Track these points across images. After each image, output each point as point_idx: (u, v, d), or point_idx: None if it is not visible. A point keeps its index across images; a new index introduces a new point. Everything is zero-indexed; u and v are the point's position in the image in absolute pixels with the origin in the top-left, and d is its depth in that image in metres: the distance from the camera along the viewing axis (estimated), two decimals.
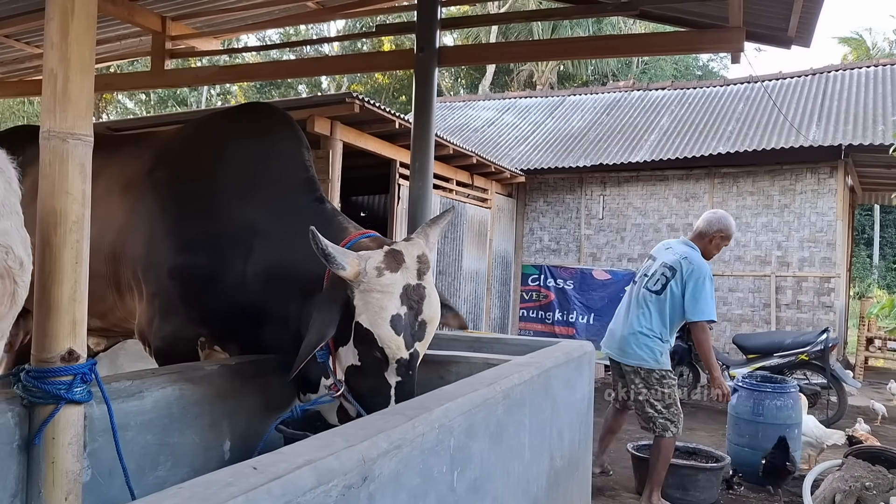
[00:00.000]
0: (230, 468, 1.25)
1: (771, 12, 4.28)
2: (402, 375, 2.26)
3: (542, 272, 11.39)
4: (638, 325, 4.52)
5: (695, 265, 4.46)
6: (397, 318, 2.18)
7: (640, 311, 4.55)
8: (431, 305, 2.29)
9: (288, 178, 2.78)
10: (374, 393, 2.28)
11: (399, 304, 2.20)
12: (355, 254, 2.23)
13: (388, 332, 2.17)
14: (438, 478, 1.77)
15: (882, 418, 6.64)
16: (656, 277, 4.56)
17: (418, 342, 2.27)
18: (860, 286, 22.48)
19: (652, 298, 4.52)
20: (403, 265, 2.24)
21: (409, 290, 2.23)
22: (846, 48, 29.45)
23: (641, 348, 4.50)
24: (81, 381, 1.83)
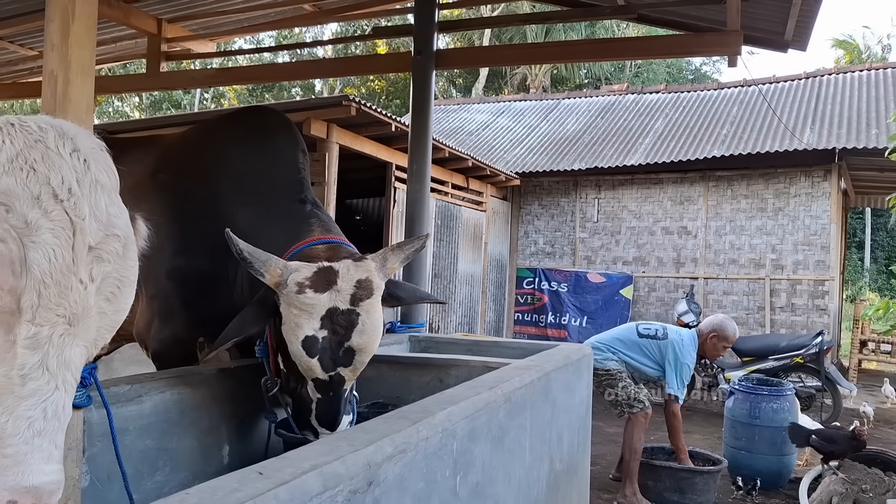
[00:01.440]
0: (236, 473, 1.24)
1: (768, 16, 4.30)
2: (322, 394, 2.13)
3: (536, 275, 11.40)
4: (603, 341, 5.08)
5: (686, 348, 4.92)
6: (312, 340, 2.04)
7: (615, 334, 5.13)
8: (364, 334, 2.09)
9: (280, 180, 2.77)
10: (298, 402, 2.21)
11: (317, 327, 2.04)
12: (281, 262, 2.12)
13: (299, 351, 2.05)
14: (441, 482, 1.77)
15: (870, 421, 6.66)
16: (650, 327, 5.10)
17: (343, 367, 2.10)
18: (852, 289, 22.60)
19: (633, 334, 5.03)
20: (334, 287, 2.07)
21: (336, 315, 2.06)
22: (839, 51, 29.61)
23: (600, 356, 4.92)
24: (81, 386, 1.81)
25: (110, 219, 1.06)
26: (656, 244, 10.78)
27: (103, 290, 1.04)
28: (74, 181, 1.02)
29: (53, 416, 0.99)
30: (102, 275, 1.04)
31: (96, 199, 1.04)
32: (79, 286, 0.99)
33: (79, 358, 1.03)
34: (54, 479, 0.99)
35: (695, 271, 10.48)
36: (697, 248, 10.49)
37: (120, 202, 1.12)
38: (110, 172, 1.11)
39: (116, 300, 1.07)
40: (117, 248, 1.06)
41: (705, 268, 10.43)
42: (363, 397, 2.88)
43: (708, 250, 10.43)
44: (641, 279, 10.83)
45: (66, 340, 1.00)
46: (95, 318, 1.04)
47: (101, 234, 1.04)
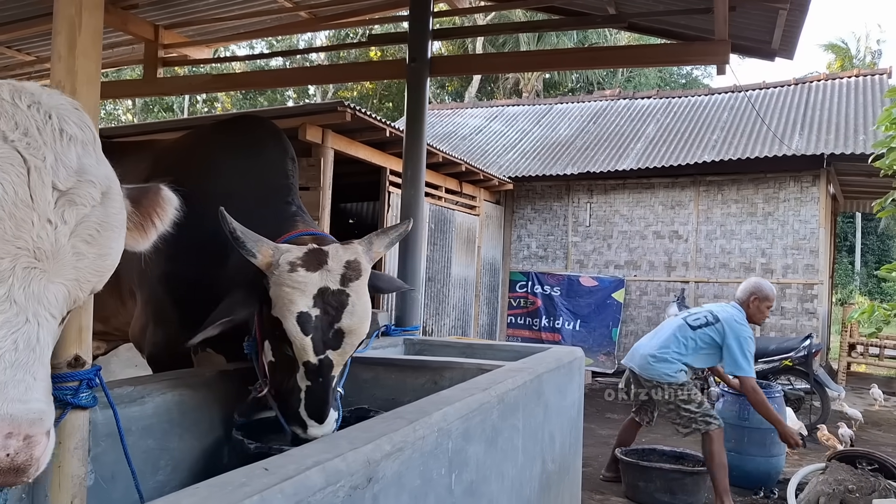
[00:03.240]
0: (243, 469, 1.29)
1: (756, 26, 4.38)
2: (312, 381, 2.15)
3: (529, 279, 11.47)
4: (663, 348, 4.88)
5: (740, 322, 4.79)
6: (306, 317, 2.07)
7: (670, 338, 4.90)
8: (354, 315, 2.13)
9: (268, 186, 2.81)
10: (286, 394, 2.21)
11: (310, 304, 2.08)
12: (272, 244, 2.18)
13: (294, 328, 2.07)
14: (437, 480, 1.82)
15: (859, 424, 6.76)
16: (698, 316, 4.94)
17: (332, 350, 2.13)
18: (842, 293, 22.77)
19: (687, 330, 4.87)
20: (325, 267, 2.13)
21: (327, 294, 2.11)
22: (830, 55, 29.88)
23: (660, 366, 4.84)
24: (87, 387, 1.86)
25: (83, 167, 1.11)
26: (648, 248, 10.87)
27: (80, 233, 1.09)
28: (33, 128, 1.07)
29: (26, 347, 1.02)
30: (78, 218, 1.08)
31: (63, 147, 1.09)
32: (45, 225, 1.03)
33: (55, 295, 1.07)
34: (34, 408, 1.00)
35: (686, 275, 10.57)
36: (688, 252, 10.59)
37: (99, 155, 1.18)
38: (83, 126, 1.15)
39: (97, 243, 1.11)
40: (93, 194, 1.11)
41: (696, 271, 10.53)
42: (360, 399, 2.93)
43: (699, 254, 10.53)
44: (633, 283, 10.92)
45: (35, 274, 1.03)
46: (72, 258, 1.08)
47: (74, 180, 1.08)
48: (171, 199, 1.45)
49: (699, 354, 4.84)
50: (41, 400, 1.03)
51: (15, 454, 0.98)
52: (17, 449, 0.99)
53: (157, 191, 1.43)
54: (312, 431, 2.16)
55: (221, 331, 2.26)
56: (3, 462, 0.97)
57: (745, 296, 4.96)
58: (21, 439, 0.99)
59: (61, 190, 1.07)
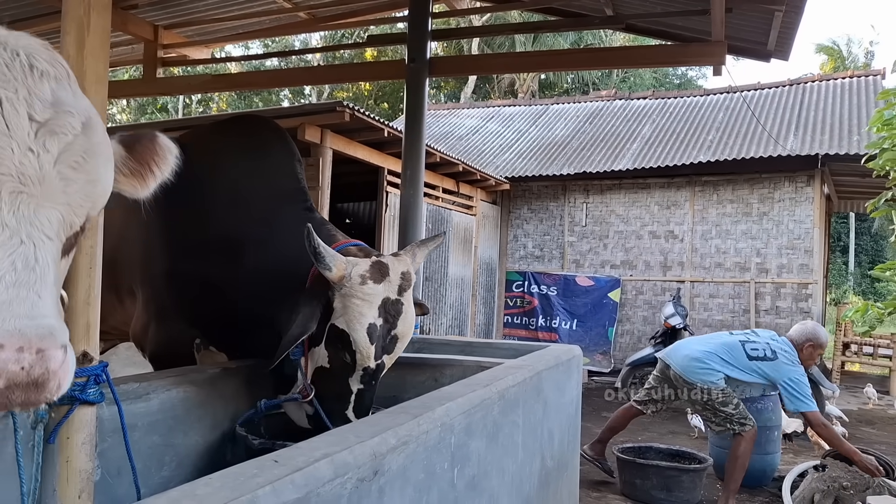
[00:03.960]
0: (254, 461, 1.32)
1: (752, 27, 4.42)
2: (365, 384, 2.31)
3: (526, 279, 11.51)
4: (710, 359, 4.92)
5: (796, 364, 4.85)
6: (373, 328, 2.23)
7: (720, 351, 4.95)
8: (406, 322, 2.33)
9: (280, 188, 2.82)
10: (335, 396, 2.33)
11: (376, 315, 2.25)
12: (344, 258, 2.28)
13: (364, 339, 2.22)
14: (440, 474, 1.85)
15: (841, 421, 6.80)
16: (757, 346, 4.95)
17: (387, 355, 2.31)
18: (836, 293, 22.88)
19: (742, 356, 4.91)
20: (387, 278, 2.29)
21: (388, 304, 2.28)
22: (823, 56, 30.01)
23: (705, 373, 4.90)
24: (94, 383, 1.89)
25: (59, 99, 1.13)
26: (644, 248, 10.93)
27: (65, 160, 1.12)
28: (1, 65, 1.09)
29: (25, 267, 1.03)
30: (60, 146, 1.11)
31: (35, 82, 1.11)
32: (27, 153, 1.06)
33: (48, 218, 1.09)
34: (42, 323, 1.01)
35: (681, 275, 10.63)
36: (684, 251, 10.65)
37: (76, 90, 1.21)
38: (54, 63, 1.17)
39: (84, 170, 1.14)
40: (73, 123, 1.14)
41: (692, 271, 10.58)
42: None
43: (694, 254, 10.59)
44: (629, 282, 10.97)
45: (22, 199, 1.06)
46: (60, 183, 1.11)
47: (50, 112, 1.11)
48: (169, 147, 1.45)
49: (744, 380, 4.91)
50: (49, 316, 1.04)
51: (30, 367, 0.99)
52: (32, 362, 0.99)
53: (152, 138, 1.44)
54: None
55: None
56: (20, 376, 0.98)
57: (801, 340, 4.99)
58: (34, 352, 0.99)
59: (39, 121, 1.09)
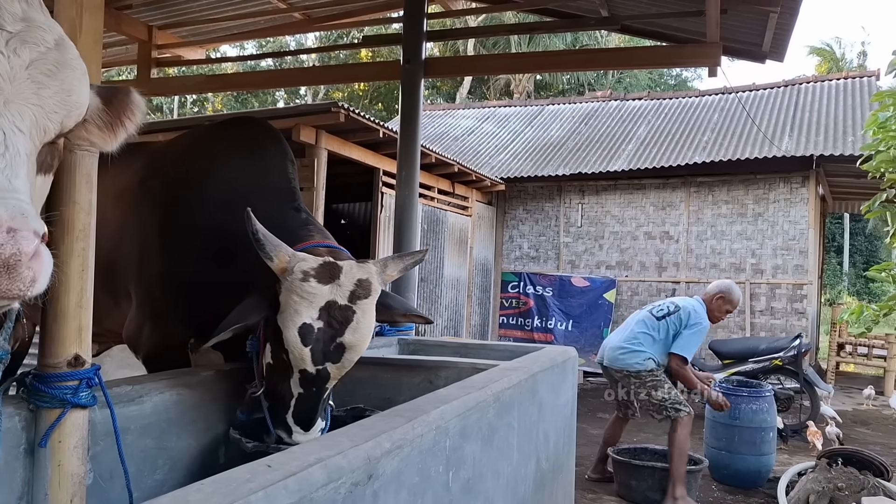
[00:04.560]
0: (247, 466, 1.31)
1: (746, 28, 4.43)
2: (306, 389, 2.19)
3: (521, 279, 11.51)
4: (631, 339, 5.08)
5: (699, 312, 5.06)
6: (308, 328, 2.11)
7: (637, 329, 5.09)
8: (357, 332, 2.17)
9: (271, 189, 2.81)
10: (277, 396, 2.25)
11: (315, 316, 2.12)
12: (290, 251, 2.21)
13: (294, 338, 2.11)
14: (435, 477, 1.85)
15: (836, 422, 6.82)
16: (661, 307, 5.16)
17: (332, 363, 2.16)
18: (831, 293, 22.94)
19: (651, 321, 5.08)
20: (336, 281, 2.17)
21: (334, 308, 2.15)
22: (816, 58, 30.11)
23: (628, 356, 5.03)
24: (87, 386, 1.88)
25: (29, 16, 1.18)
26: (639, 249, 10.93)
27: (39, 66, 1.17)
28: None
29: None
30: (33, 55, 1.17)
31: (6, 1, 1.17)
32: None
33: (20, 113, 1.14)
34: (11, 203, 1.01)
35: (677, 275, 10.64)
36: (679, 252, 10.66)
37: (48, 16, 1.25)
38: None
39: (58, 78, 1.19)
40: (45, 38, 1.19)
41: (687, 272, 10.59)
42: (356, 399, 2.95)
43: (689, 255, 10.60)
44: (624, 283, 10.97)
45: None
46: (31, 85, 1.16)
47: (22, 25, 1.17)
48: (139, 103, 1.50)
49: (660, 345, 5.01)
50: (21, 200, 1.03)
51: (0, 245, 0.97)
52: (2, 241, 0.97)
53: (127, 93, 1.49)
54: (297, 437, 2.20)
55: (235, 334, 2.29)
56: None
57: (713, 291, 5.21)
58: (4, 230, 0.98)
59: (10, 32, 1.15)
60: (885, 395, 9.45)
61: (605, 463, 5.40)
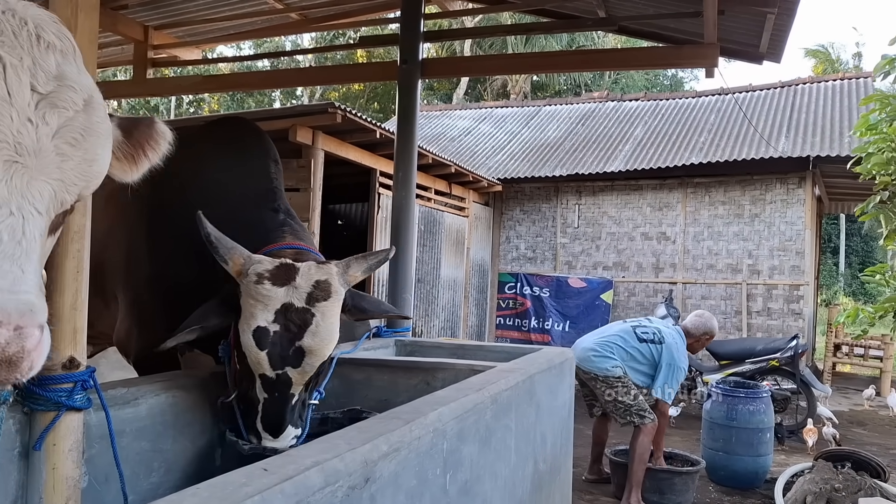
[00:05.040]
0: (242, 470, 1.30)
1: (744, 29, 4.43)
2: (269, 395, 2.14)
3: (518, 280, 11.50)
4: (604, 344, 5.02)
5: (681, 351, 5.01)
6: (263, 332, 2.07)
7: (614, 338, 5.04)
8: (317, 336, 2.10)
9: (252, 190, 2.79)
10: (247, 403, 2.21)
11: (270, 319, 2.08)
12: (246, 253, 2.18)
13: (249, 341, 2.08)
14: (433, 480, 1.84)
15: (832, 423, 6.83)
16: (647, 330, 5.06)
17: (291, 368, 2.10)
18: (827, 293, 22.98)
19: (633, 339, 5.00)
20: (292, 283, 2.12)
21: (291, 311, 2.09)
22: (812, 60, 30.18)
23: (599, 360, 4.96)
24: (82, 389, 1.87)
25: (64, 73, 1.11)
26: (636, 249, 10.94)
27: (64, 135, 1.10)
28: (8, 31, 1.06)
29: (11, 239, 1.01)
30: (61, 120, 1.09)
31: (41, 53, 1.09)
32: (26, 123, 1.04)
33: (40, 191, 1.07)
34: (23, 299, 0.99)
35: (673, 276, 10.64)
36: (676, 253, 10.66)
37: (80, 66, 1.17)
38: (61, 37, 1.15)
39: (82, 147, 1.12)
40: (75, 99, 1.12)
41: (684, 273, 10.60)
42: (352, 401, 2.94)
43: (686, 255, 10.61)
44: (621, 284, 10.97)
45: (17, 168, 1.03)
46: (56, 158, 1.09)
47: (54, 85, 1.09)
48: (165, 133, 1.46)
49: (634, 364, 4.96)
50: (31, 292, 1.02)
51: (6, 344, 0.97)
52: (8, 339, 0.97)
53: (150, 123, 1.44)
54: (266, 444, 2.15)
55: (198, 336, 2.25)
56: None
57: (699, 332, 5.22)
58: (12, 329, 0.97)
59: (41, 93, 1.07)
60: (882, 396, 9.47)
61: (599, 463, 5.40)
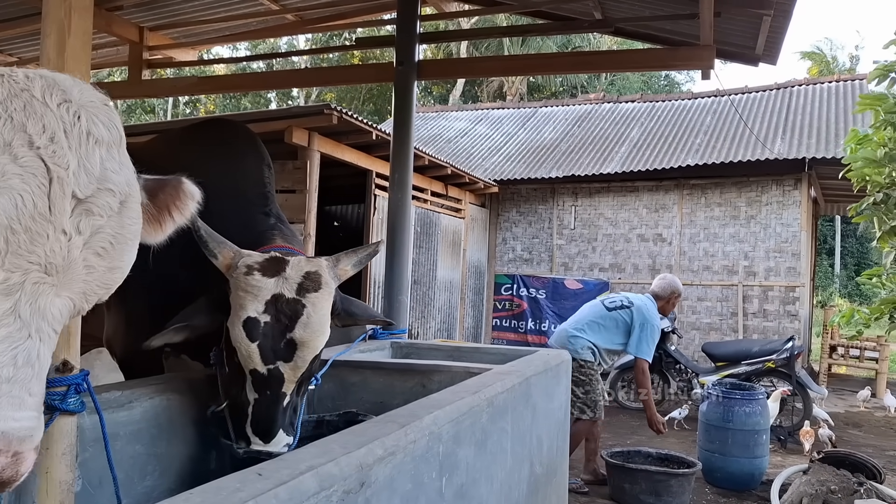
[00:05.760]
0: (236, 474, 1.29)
1: (740, 31, 4.43)
2: (260, 394, 2.09)
3: (514, 282, 11.50)
4: (577, 324, 5.29)
5: (651, 311, 5.27)
6: (254, 323, 2.04)
7: (584, 316, 5.33)
8: (308, 327, 2.07)
9: (244, 194, 2.78)
10: (236, 406, 2.16)
11: (261, 310, 2.05)
12: (235, 248, 2.16)
13: (240, 333, 2.03)
14: (428, 483, 1.83)
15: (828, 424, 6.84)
16: (614, 299, 5.39)
17: (283, 362, 2.06)
18: (822, 295, 23.03)
19: (602, 311, 5.28)
20: (282, 274, 2.10)
21: (282, 302, 2.06)
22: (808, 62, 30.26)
23: (572, 341, 5.20)
24: (75, 392, 1.85)
25: (105, 173, 1.05)
26: (632, 251, 10.94)
27: (93, 245, 1.03)
28: (60, 130, 1.01)
29: (25, 363, 0.98)
30: (93, 229, 1.03)
31: (88, 151, 1.03)
32: (60, 236, 0.98)
33: (60, 309, 1.02)
34: (25, 425, 0.98)
35: None
36: (672, 254, 10.67)
37: (123, 158, 1.11)
38: (110, 127, 1.09)
39: (109, 256, 1.06)
40: (111, 203, 1.05)
41: (680, 274, 10.58)
42: (348, 403, 2.93)
43: (682, 257, 10.62)
44: (618, 285, 10.97)
45: (43, 289, 0.99)
46: (82, 271, 1.02)
47: (93, 188, 1.02)
48: (192, 193, 1.39)
49: (608, 334, 5.20)
50: (33, 417, 1.01)
51: (2, 470, 0.98)
52: (5, 465, 0.98)
53: (177, 184, 1.37)
54: (256, 448, 2.10)
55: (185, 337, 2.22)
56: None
57: (666, 293, 5.46)
58: (10, 456, 0.98)
59: (80, 198, 1.01)
60: (878, 397, 9.49)
61: (593, 462, 5.38)
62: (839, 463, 4.72)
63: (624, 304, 5.22)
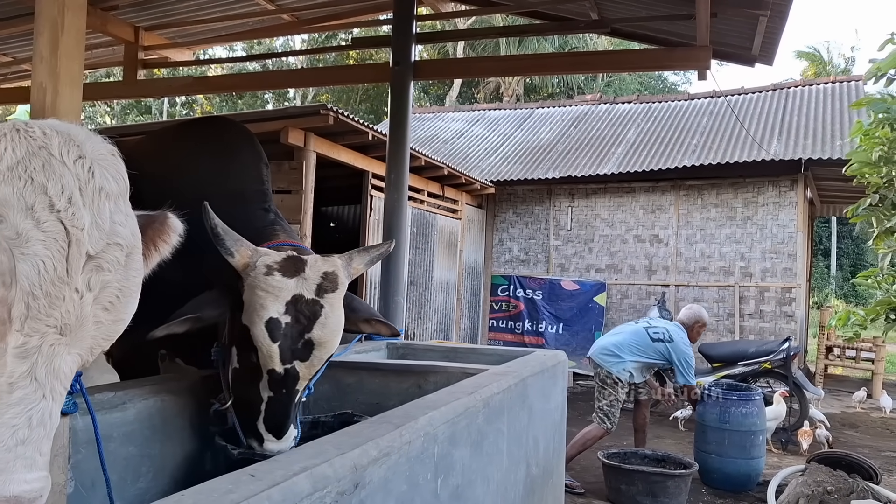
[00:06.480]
0: (229, 476, 1.28)
1: (736, 32, 4.43)
2: (276, 392, 2.10)
3: (511, 283, 11.50)
4: (620, 346, 5.53)
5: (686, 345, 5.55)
6: (275, 323, 2.04)
7: (629, 341, 5.53)
8: (326, 327, 2.09)
9: (242, 192, 2.76)
10: (247, 403, 2.16)
11: (282, 310, 2.05)
12: (252, 246, 2.15)
13: (262, 334, 2.03)
14: (423, 485, 1.82)
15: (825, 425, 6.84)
16: (658, 330, 5.57)
17: (300, 361, 2.08)
18: (818, 296, 23.07)
19: (647, 339, 5.51)
20: (301, 275, 2.10)
21: (301, 303, 2.07)
22: (804, 62, 30.33)
23: (613, 360, 5.47)
24: (67, 393, 1.83)
25: (114, 227, 1.06)
26: (628, 252, 10.95)
27: (101, 300, 1.04)
28: (76, 189, 1.02)
29: (39, 424, 1.00)
30: (101, 284, 1.03)
31: (99, 207, 1.04)
32: (73, 296, 0.99)
33: (70, 367, 1.03)
34: (36, 487, 0.99)
35: (666, 279, 10.66)
36: (669, 255, 10.68)
37: (128, 209, 1.12)
38: (118, 178, 1.11)
39: (115, 310, 1.07)
40: (119, 258, 1.06)
41: (676, 275, 10.61)
42: (344, 404, 2.92)
43: (679, 258, 10.62)
44: (614, 286, 10.98)
45: (57, 350, 1.00)
46: (91, 327, 1.03)
47: (103, 243, 1.04)
48: (176, 227, 1.41)
49: (646, 358, 5.49)
50: (43, 478, 1.02)
51: None
52: None
53: (163, 219, 1.39)
54: (269, 446, 2.12)
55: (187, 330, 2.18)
56: None
57: (692, 322, 5.76)
58: None
59: (91, 255, 1.03)
60: (874, 398, 9.50)
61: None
62: (835, 464, 4.72)
63: (664, 337, 5.48)
